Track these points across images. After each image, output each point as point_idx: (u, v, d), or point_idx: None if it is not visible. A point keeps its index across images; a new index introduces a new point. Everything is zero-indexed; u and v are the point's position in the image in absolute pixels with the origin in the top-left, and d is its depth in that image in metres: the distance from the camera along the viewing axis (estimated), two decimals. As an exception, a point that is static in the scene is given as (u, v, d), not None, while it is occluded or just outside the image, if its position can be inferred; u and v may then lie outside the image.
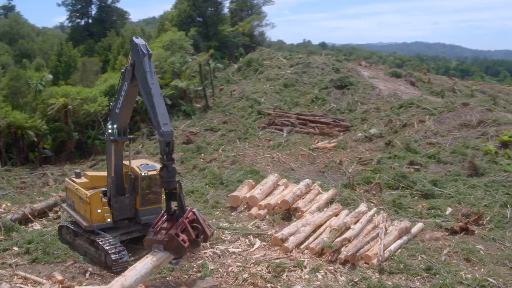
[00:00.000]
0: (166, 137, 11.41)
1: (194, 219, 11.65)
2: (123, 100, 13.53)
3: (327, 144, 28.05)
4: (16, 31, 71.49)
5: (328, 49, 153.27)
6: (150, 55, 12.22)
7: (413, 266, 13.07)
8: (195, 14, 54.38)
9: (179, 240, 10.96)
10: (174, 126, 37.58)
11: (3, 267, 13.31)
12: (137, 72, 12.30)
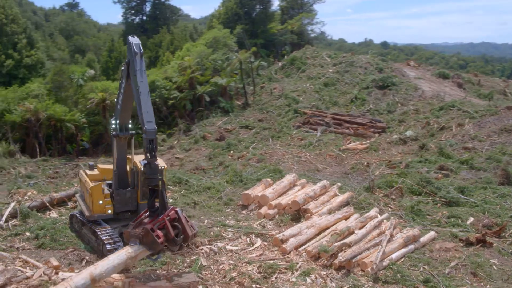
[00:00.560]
0: (149, 134, 11.38)
1: (176, 218, 11.57)
2: (122, 97, 13.94)
3: (358, 145, 27.17)
4: (72, 27, 75.29)
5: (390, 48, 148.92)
6: (141, 54, 12.43)
7: (411, 277, 12.29)
8: (241, 12, 54.65)
9: (153, 236, 10.92)
10: (211, 123, 38.21)
11: (10, 250, 14.05)
12: (131, 70, 12.56)
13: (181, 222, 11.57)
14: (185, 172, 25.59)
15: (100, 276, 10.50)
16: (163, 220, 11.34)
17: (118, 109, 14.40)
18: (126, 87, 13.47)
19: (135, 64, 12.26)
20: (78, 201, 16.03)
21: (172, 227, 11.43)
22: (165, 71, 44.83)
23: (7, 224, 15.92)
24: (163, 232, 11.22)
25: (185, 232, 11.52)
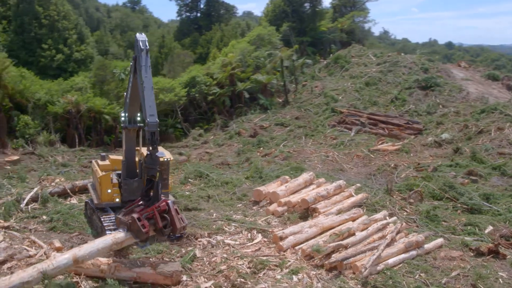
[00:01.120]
0: (151, 127, 11.76)
1: (166, 209, 11.80)
2: (130, 91, 14.54)
3: (389, 146, 26.16)
4: (126, 23, 78.13)
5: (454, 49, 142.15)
6: (147, 50, 12.84)
7: (402, 284, 11.66)
8: (288, 10, 54.25)
9: (138, 224, 11.17)
10: (248, 119, 38.36)
11: (23, 231, 14.92)
12: (137, 65, 13.00)
13: (170, 214, 11.75)
14: (211, 166, 25.92)
15: (83, 258, 10.87)
16: (152, 211, 11.58)
17: (127, 102, 14.96)
18: (134, 81, 13.96)
19: (140, 60, 12.66)
20: (90, 189, 16.72)
21: (162, 218, 11.64)
22: (208, 68, 45.57)
23: (27, 207, 16.91)
24: (151, 222, 11.49)
25: (173, 224, 11.70)
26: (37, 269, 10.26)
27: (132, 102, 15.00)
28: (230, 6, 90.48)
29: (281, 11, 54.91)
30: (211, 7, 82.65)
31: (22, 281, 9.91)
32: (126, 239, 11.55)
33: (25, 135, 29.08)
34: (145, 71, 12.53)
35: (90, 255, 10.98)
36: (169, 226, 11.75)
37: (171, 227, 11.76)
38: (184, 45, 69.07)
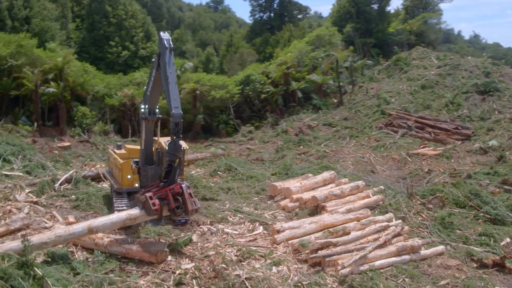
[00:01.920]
0: (175, 118, 12.66)
1: (179, 192, 12.49)
2: (151, 85, 15.27)
3: (430, 150, 24.73)
4: (198, 22, 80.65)
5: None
6: (171, 48, 13.54)
7: (380, 286, 11.09)
8: (353, 11, 52.90)
9: (149, 203, 11.95)
10: (299, 118, 38.21)
11: (49, 207, 16.28)
12: (161, 62, 13.70)
13: (183, 197, 12.45)
14: (245, 161, 26.27)
15: (97, 228, 11.90)
16: (166, 192, 12.36)
17: (147, 95, 15.72)
18: (156, 76, 14.68)
19: (165, 57, 13.37)
20: (107, 176, 17.73)
21: (175, 200, 12.38)
22: (266, 67, 45.92)
23: (60, 187, 18.38)
24: (165, 202, 12.27)
25: (185, 206, 12.41)
26: (54, 233, 11.45)
27: (153, 95, 15.77)
28: (303, 7, 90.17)
29: (345, 12, 53.77)
30: (284, 7, 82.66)
31: (41, 241, 11.12)
32: (139, 216, 12.44)
33: (83, 124, 31.50)
34: (169, 67, 13.25)
35: (104, 226, 12.02)
36: (181, 207, 12.45)
37: (183, 209, 12.47)
38: (255, 45, 70.14)
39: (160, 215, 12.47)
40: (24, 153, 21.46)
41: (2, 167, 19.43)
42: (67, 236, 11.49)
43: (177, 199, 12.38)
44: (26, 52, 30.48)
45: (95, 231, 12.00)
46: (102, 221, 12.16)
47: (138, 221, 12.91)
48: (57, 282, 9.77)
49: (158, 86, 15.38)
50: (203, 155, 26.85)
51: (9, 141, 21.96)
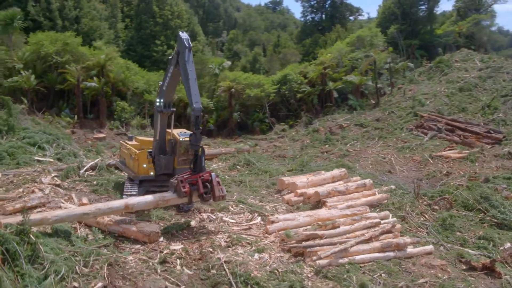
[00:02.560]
0: (196, 112, 13.80)
1: (209, 180, 13.72)
2: (168, 81, 16.25)
3: (454, 153, 23.96)
4: (249, 23, 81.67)
5: None
6: (190, 48, 14.64)
7: (353, 280, 11.17)
8: (398, 12, 51.65)
9: (180, 186, 13.23)
10: (333, 118, 38.08)
11: (69, 189, 17.64)
12: (180, 60, 14.73)
13: (212, 184, 13.65)
14: (268, 157, 26.76)
15: (132, 206, 13.47)
16: (196, 178, 13.61)
17: (164, 90, 16.67)
18: (174, 73, 15.72)
19: (185, 56, 14.46)
20: (119, 166, 18.73)
21: (204, 186, 13.62)
22: (305, 67, 46.05)
23: (85, 173, 19.79)
24: (194, 187, 13.54)
25: (213, 192, 13.63)
26: (95, 206, 13.10)
27: (169, 90, 16.74)
28: (355, 9, 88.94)
29: (390, 13, 52.59)
30: (335, 9, 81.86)
31: (83, 212, 12.74)
32: (171, 199, 13.76)
33: (121, 118, 33.28)
34: (189, 65, 14.38)
35: (139, 205, 13.53)
36: (209, 193, 13.66)
37: (211, 194, 13.68)
38: (304, 46, 70.29)
39: (190, 199, 13.77)
40: (59, 141, 23.21)
41: (36, 153, 21.19)
42: (106, 209, 13.07)
43: (206, 186, 13.63)
44: (72, 49, 32.77)
45: (131, 208, 13.57)
46: (138, 200, 13.81)
47: (170, 203, 14.28)
48: (50, 250, 10.79)
49: (175, 81, 16.50)
50: (227, 150, 27.63)
51: (46, 131, 23.82)
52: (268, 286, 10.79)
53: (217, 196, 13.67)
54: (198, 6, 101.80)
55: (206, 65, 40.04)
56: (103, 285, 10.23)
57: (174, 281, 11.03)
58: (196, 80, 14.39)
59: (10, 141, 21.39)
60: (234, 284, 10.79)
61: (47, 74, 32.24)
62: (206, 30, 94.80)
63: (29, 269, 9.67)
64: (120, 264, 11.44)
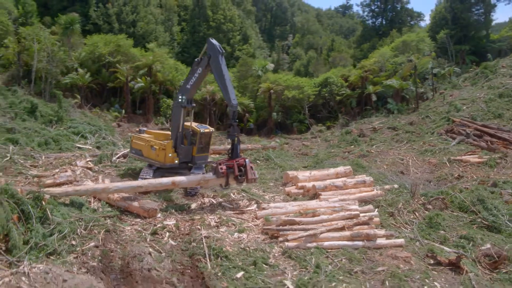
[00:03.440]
0: (233, 107, 16.14)
1: (243, 164, 16.14)
2: (195, 80, 18.13)
3: (473, 158, 23.61)
4: (307, 27, 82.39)
5: None
6: (222, 53, 16.86)
7: (312, 261, 12.02)
8: (449, 16, 50.13)
9: (218, 168, 15.68)
10: (369, 121, 38.23)
11: (99, 172, 19.92)
12: (212, 63, 16.87)
13: (245, 168, 16.07)
14: (292, 155, 27.84)
15: (178, 183, 15.96)
16: (232, 163, 16.02)
17: (188, 88, 18.46)
18: (202, 74, 17.72)
19: (219, 60, 16.68)
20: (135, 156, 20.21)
21: (239, 170, 16.05)
22: (349, 70, 46.35)
23: (116, 160, 22.11)
24: (230, 170, 15.94)
25: (246, 175, 16.07)
26: (147, 181, 15.66)
27: (194, 88, 18.64)
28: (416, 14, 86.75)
29: (440, 18, 51.18)
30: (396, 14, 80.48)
31: (138, 185, 15.45)
32: (211, 179, 16.22)
33: (167, 114, 35.79)
34: (224, 68, 16.65)
35: (183, 182, 15.98)
36: (243, 175, 16.09)
37: (244, 177, 16.10)
38: (362, 50, 70.13)
39: (227, 180, 16.10)
40: (101, 132, 25.88)
41: (78, 141, 23.94)
42: (156, 184, 15.77)
43: (240, 169, 16.04)
44: (124, 50, 35.84)
45: (177, 185, 16.15)
46: (182, 178, 16.20)
47: (210, 183, 16.85)
48: (59, 214, 12.78)
49: (200, 81, 18.52)
50: (253, 146, 29.05)
51: (91, 122, 26.59)
52: (235, 259, 12.06)
53: (250, 178, 16.05)
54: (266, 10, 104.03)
55: (250, 67, 41.73)
56: (95, 245, 12.07)
57: (158, 249, 12.61)
58: (230, 80, 16.54)
59: (58, 129, 24.33)
60: (207, 256, 12.18)
61: (100, 72, 35.58)
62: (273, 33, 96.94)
63: (37, 227, 11.66)
64: (116, 232, 13.27)
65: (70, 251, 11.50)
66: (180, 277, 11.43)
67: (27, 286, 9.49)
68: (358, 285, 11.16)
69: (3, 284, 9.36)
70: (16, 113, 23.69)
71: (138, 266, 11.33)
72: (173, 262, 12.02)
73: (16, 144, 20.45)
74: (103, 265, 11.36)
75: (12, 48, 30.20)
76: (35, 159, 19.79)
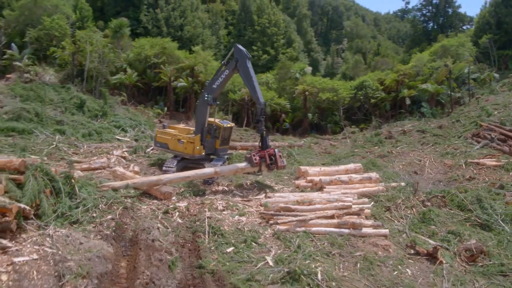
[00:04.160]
0: (261, 105, 18.20)
1: (273, 154, 18.42)
2: (221, 81, 20.08)
3: (490, 161, 23.47)
4: (355, 32, 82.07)
5: None
6: (249, 57, 18.98)
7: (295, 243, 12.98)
8: (492, 21, 48.48)
9: (252, 158, 17.92)
10: (401, 124, 38.29)
11: (132, 161, 22.11)
12: (240, 66, 18.99)
13: (275, 157, 18.36)
14: (316, 153, 28.84)
15: (220, 171, 18.25)
16: (263, 153, 18.28)
17: (214, 88, 20.35)
18: (228, 75, 19.78)
19: (247, 64, 18.80)
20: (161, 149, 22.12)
21: (270, 159, 18.30)
22: (387, 74, 46.26)
23: (150, 151, 24.25)
24: (263, 160, 18.21)
25: (276, 163, 18.43)
26: (194, 172, 17.82)
27: (220, 88, 20.55)
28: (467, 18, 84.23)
29: (484, 22, 49.63)
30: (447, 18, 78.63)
31: (185, 176, 17.56)
32: (246, 168, 18.40)
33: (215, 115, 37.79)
34: (251, 70, 18.81)
35: (223, 171, 18.41)
36: (273, 164, 18.40)
37: (274, 165, 18.41)
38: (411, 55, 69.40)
39: (259, 168, 18.32)
40: (140, 127, 28.27)
41: (118, 134, 26.42)
42: (201, 174, 18.04)
43: (271, 159, 18.31)
44: (169, 53, 38.34)
45: (219, 173, 18.36)
46: (223, 167, 18.78)
47: (245, 171, 18.89)
48: (85, 191, 14.79)
49: (226, 82, 20.41)
50: (281, 144, 30.32)
51: (132, 118, 29.07)
52: (229, 237, 13.51)
53: (279, 166, 18.53)
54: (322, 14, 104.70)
55: (288, 70, 43.01)
56: (112, 218, 13.97)
57: (166, 225, 14.29)
58: (257, 81, 18.60)
59: (101, 123, 26.97)
60: (206, 233, 13.74)
61: (146, 73, 38.32)
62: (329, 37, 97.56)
63: (65, 200, 13.67)
64: (133, 209, 15.13)
65: (90, 221, 13.36)
66: (179, 249, 12.97)
67: (50, 245, 11.36)
68: (332, 265, 12.17)
69: (31, 242, 11.35)
70: (66, 107, 26.68)
71: (145, 237, 13.01)
72: (176, 237, 13.60)
73: (62, 134, 23.17)
74: (116, 234, 13.15)
75: (68, 49, 33.55)
76: (78, 147, 22.30)
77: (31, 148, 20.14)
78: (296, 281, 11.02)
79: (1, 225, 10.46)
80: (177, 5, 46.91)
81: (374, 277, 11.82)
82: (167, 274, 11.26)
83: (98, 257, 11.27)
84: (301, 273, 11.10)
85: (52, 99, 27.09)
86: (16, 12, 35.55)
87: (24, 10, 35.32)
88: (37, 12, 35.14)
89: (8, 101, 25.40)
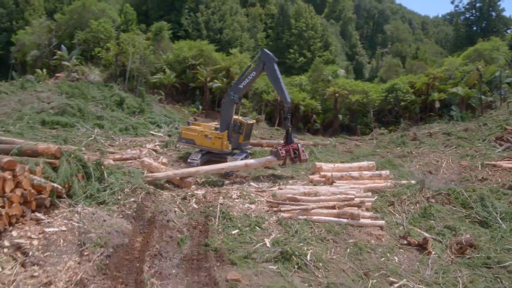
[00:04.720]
0: (288, 104, 19.81)
1: (296, 148, 20.01)
2: (248, 82, 21.49)
3: (506, 163, 23.25)
4: (396, 35, 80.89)
5: None
6: (276, 61, 20.31)
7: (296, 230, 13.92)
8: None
9: (279, 151, 19.54)
10: (429, 127, 37.96)
11: (162, 153, 23.77)
12: (267, 69, 20.39)
13: (298, 151, 19.97)
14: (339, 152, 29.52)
15: (250, 164, 19.92)
16: (288, 147, 19.86)
17: (240, 88, 21.72)
18: (255, 76, 21.21)
19: (275, 67, 20.14)
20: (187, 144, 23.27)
21: (294, 153, 19.90)
22: (419, 77, 45.83)
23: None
24: (287, 153, 19.78)
25: (299, 156, 20.07)
26: (227, 164, 19.63)
27: (245, 88, 21.99)
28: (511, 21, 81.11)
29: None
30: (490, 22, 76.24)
31: (220, 167, 19.22)
32: (273, 161, 20.08)
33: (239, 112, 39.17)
34: (278, 73, 20.20)
35: (253, 164, 20.01)
36: (297, 157, 20.01)
37: (298, 158, 20.04)
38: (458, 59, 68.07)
39: (285, 161, 19.92)
40: (174, 123, 30.09)
41: (153, 129, 28.33)
42: (233, 166, 19.78)
43: (295, 153, 19.87)
44: (206, 54, 40.12)
45: (249, 166, 20.01)
46: (253, 161, 20.45)
47: (272, 164, 20.54)
48: (115, 178, 16.42)
49: (252, 83, 21.89)
50: (306, 142, 31.20)
51: (167, 115, 30.95)
52: (236, 221, 14.74)
53: (302, 159, 20.21)
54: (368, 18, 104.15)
55: (321, 72, 43.71)
56: (134, 200, 15.56)
57: (182, 209, 15.72)
58: (283, 82, 20.16)
59: (138, 119, 29.00)
60: (217, 217, 15.05)
61: (184, 73, 40.29)
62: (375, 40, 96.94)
63: (95, 183, 15.30)
64: (155, 194, 16.70)
65: (115, 203, 14.88)
66: (190, 229, 14.32)
67: (77, 220, 12.97)
68: (324, 249, 13.07)
69: (61, 216, 13.05)
70: (107, 104, 28.97)
71: (161, 218, 14.49)
72: (190, 219, 14.97)
73: (101, 128, 25.30)
74: (136, 215, 14.66)
75: (113, 51, 36.10)
76: (114, 140, 24.33)
77: (71, 139, 22.30)
78: (287, 260, 12.02)
79: (37, 201, 12.15)
80: (216, 9, 48.75)
81: (361, 261, 12.60)
82: (175, 248, 12.61)
83: (117, 231, 12.76)
84: (292, 253, 12.10)
85: (94, 96, 29.49)
86: (67, 16, 38.69)
87: (74, 14, 38.38)
88: (85, 16, 38.12)
89: (55, 97, 28.00)
